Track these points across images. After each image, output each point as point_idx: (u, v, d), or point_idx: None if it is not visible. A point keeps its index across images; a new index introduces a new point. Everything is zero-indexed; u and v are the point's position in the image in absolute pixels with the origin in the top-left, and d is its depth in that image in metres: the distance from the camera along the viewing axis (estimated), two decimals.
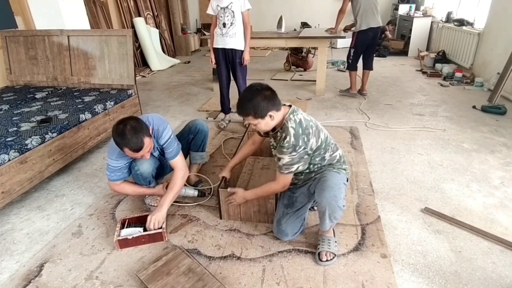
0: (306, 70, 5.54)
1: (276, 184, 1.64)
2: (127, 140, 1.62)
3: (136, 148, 1.65)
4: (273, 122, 1.56)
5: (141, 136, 1.65)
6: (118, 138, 1.64)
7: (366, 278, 1.51)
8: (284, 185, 1.63)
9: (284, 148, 1.53)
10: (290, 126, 1.54)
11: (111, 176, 1.88)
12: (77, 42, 3.19)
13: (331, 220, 1.57)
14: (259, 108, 1.50)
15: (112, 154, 1.83)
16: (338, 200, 1.52)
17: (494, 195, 2.11)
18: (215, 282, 1.47)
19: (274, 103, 1.53)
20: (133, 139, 1.62)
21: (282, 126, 1.58)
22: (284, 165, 1.56)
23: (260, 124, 1.56)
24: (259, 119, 1.53)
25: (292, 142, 1.51)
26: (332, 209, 1.52)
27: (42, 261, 1.68)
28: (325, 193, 1.52)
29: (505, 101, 3.76)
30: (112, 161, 1.84)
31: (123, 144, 1.65)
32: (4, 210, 2.08)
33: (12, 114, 2.52)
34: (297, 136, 1.52)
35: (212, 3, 2.94)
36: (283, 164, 1.56)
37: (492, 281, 1.49)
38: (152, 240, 1.76)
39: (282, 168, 1.57)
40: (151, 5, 6.57)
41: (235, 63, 3.04)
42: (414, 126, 3.19)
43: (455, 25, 5.33)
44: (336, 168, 1.66)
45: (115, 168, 1.86)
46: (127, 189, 1.97)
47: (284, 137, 1.53)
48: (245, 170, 2.47)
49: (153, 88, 4.79)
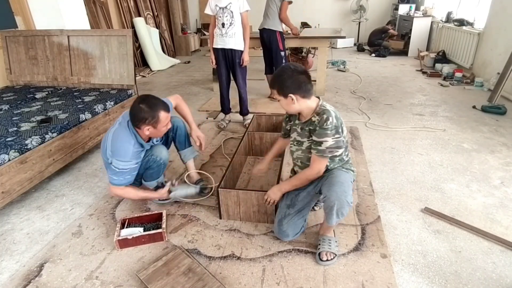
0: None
1: (311, 170, 1.60)
2: (160, 105, 1.74)
3: (168, 110, 1.79)
4: (296, 106, 1.56)
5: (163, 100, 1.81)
6: (152, 107, 1.71)
7: (366, 278, 1.51)
8: (319, 170, 1.59)
9: (327, 130, 1.50)
10: (329, 109, 1.54)
11: (118, 180, 1.77)
12: (77, 42, 3.19)
13: (338, 216, 1.56)
14: (284, 86, 1.53)
15: (124, 155, 1.74)
16: (347, 196, 1.52)
17: (494, 195, 2.11)
18: (215, 282, 1.47)
19: (300, 88, 1.52)
20: (162, 102, 1.77)
21: (319, 111, 1.55)
22: (328, 148, 1.52)
23: (282, 102, 1.59)
24: (282, 97, 1.56)
25: (335, 124, 1.50)
26: (341, 204, 1.51)
27: (42, 261, 1.68)
28: (335, 188, 1.51)
29: (505, 101, 3.76)
30: (123, 163, 1.74)
31: (158, 109, 1.72)
32: (4, 210, 2.08)
33: (12, 114, 2.52)
34: (338, 118, 1.53)
35: (210, 3, 2.93)
36: (326, 147, 1.52)
37: (492, 281, 1.49)
38: (152, 240, 1.76)
39: (325, 152, 1.53)
40: (151, 5, 6.57)
41: (235, 63, 3.04)
42: (414, 126, 3.19)
43: (455, 25, 5.33)
44: (345, 168, 1.66)
45: (125, 171, 1.76)
46: (130, 193, 1.89)
47: (325, 119, 1.50)
48: (245, 170, 2.47)
49: (153, 88, 4.79)
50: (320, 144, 1.53)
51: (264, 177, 2.36)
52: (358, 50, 7.33)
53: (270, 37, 3.71)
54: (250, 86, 4.72)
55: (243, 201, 1.84)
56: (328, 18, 8.10)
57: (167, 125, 1.82)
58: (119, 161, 1.74)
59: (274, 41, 3.71)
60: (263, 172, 2.08)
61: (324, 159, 1.57)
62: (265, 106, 3.85)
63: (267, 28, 3.69)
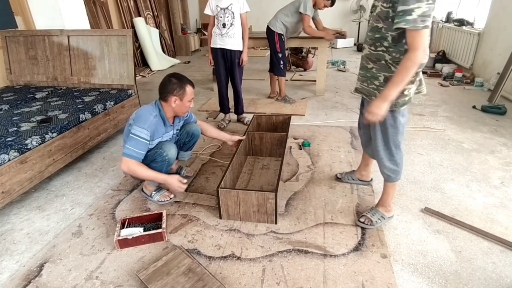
0: (306, 70, 5.55)
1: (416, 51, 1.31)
2: (187, 80, 1.96)
3: (194, 87, 1.99)
4: None
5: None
6: (180, 80, 1.93)
7: (366, 278, 1.51)
8: (425, 46, 1.31)
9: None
10: None
11: (130, 150, 1.81)
12: (77, 42, 3.19)
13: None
14: None
15: (143, 122, 1.85)
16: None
17: (494, 195, 2.11)
18: (215, 282, 1.47)
19: None
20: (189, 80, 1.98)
21: None
22: (420, 16, 1.25)
23: None
24: None
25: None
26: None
27: (42, 261, 1.68)
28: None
29: (505, 101, 3.76)
30: (139, 129, 1.83)
31: (185, 83, 1.93)
32: (4, 210, 2.08)
33: (12, 114, 2.52)
34: None
35: (211, 3, 2.94)
36: (418, 16, 1.26)
37: (492, 281, 1.49)
38: (152, 240, 1.76)
39: (416, 22, 1.26)
40: (151, 5, 6.57)
41: (233, 63, 3.06)
42: (414, 126, 3.19)
43: (455, 25, 5.33)
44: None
45: (138, 140, 1.81)
46: (141, 170, 1.85)
47: None
48: (245, 170, 2.47)
49: (153, 88, 4.79)
50: (409, 14, 1.26)
51: (264, 177, 2.36)
52: (358, 50, 7.33)
53: (269, 37, 3.73)
54: (250, 86, 4.73)
55: (243, 201, 1.84)
56: (328, 18, 8.07)
57: (191, 102, 2.00)
58: (137, 127, 1.85)
59: (272, 41, 3.72)
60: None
61: (421, 32, 1.28)
62: (265, 106, 3.85)
63: (269, 27, 3.70)
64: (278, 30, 3.65)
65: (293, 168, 2.48)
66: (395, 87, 1.41)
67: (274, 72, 3.91)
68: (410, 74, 1.38)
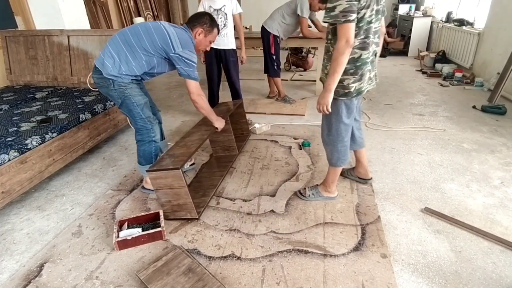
0: (306, 70, 5.54)
1: (339, 42, 1.51)
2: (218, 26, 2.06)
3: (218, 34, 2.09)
4: None
5: None
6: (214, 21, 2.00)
7: (366, 278, 1.51)
8: (347, 38, 1.49)
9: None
10: None
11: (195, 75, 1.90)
12: (77, 42, 3.19)
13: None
14: None
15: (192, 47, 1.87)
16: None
17: (494, 195, 2.11)
18: (215, 282, 1.47)
19: None
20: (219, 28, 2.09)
21: None
22: (341, 12, 1.47)
23: None
24: None
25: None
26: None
27: (42, 261, 1.68)
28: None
29: (505, 101, 3.76)
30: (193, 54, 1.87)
31: (216, 26, 2.02)
32: (4, 210, 2.08)
33: (12, 114, 2.52)
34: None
35: (204, 4, 2.97)
36: (340, 12, 1.47)
37: (492, 281, 1.49)
38: (151, 239, 1.76)
39: (338, 17, 1.48)
40: (151, 5, 6.57)
41: (228, 62, 3.12)
42: (414, 126, 3.19)
43: (455, 25, 5.33)
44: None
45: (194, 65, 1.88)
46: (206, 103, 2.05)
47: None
48: (245, 170, 2.47)
49: (153, 88, 4.79)
50: (333, 10, 1.49)
51: (264, 177, 2.36)
52: None
53: (264, 37, 3.72)
54: (250, 86, 4.73)
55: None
56: None
57: (209, 46, 2.09)
58: (191, 52, 1.85)
59: (267, 42, 3.71)
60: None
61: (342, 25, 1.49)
62: (265, 106, 3.85)
63: (265, 27, 3.69)
64: (274, 32, 3.63)
65: (293, 168, 2.48)
66: (331, 76, 1.60)
67: (269, 73, 3.91)
68: (339, 63, 1.55)
